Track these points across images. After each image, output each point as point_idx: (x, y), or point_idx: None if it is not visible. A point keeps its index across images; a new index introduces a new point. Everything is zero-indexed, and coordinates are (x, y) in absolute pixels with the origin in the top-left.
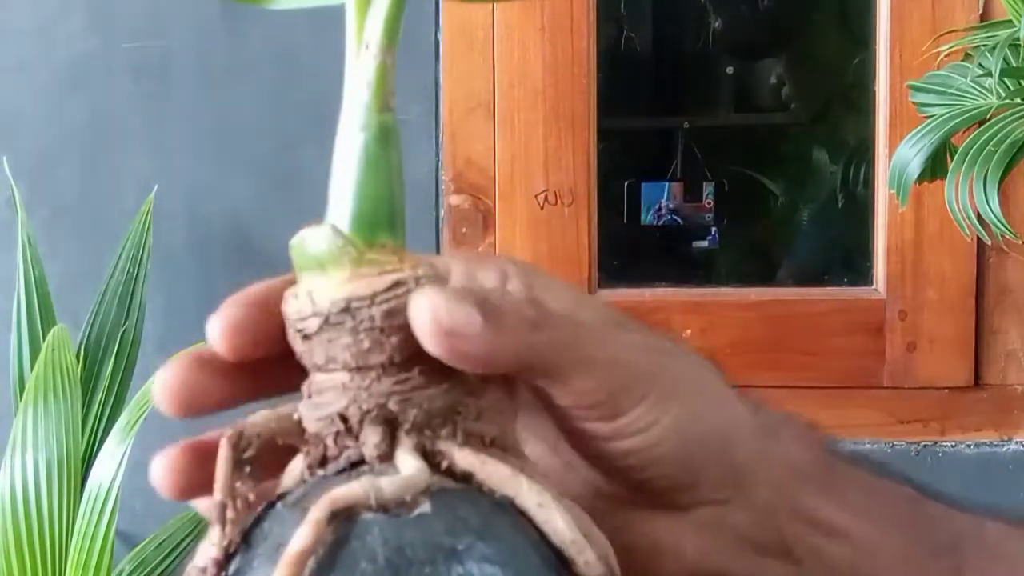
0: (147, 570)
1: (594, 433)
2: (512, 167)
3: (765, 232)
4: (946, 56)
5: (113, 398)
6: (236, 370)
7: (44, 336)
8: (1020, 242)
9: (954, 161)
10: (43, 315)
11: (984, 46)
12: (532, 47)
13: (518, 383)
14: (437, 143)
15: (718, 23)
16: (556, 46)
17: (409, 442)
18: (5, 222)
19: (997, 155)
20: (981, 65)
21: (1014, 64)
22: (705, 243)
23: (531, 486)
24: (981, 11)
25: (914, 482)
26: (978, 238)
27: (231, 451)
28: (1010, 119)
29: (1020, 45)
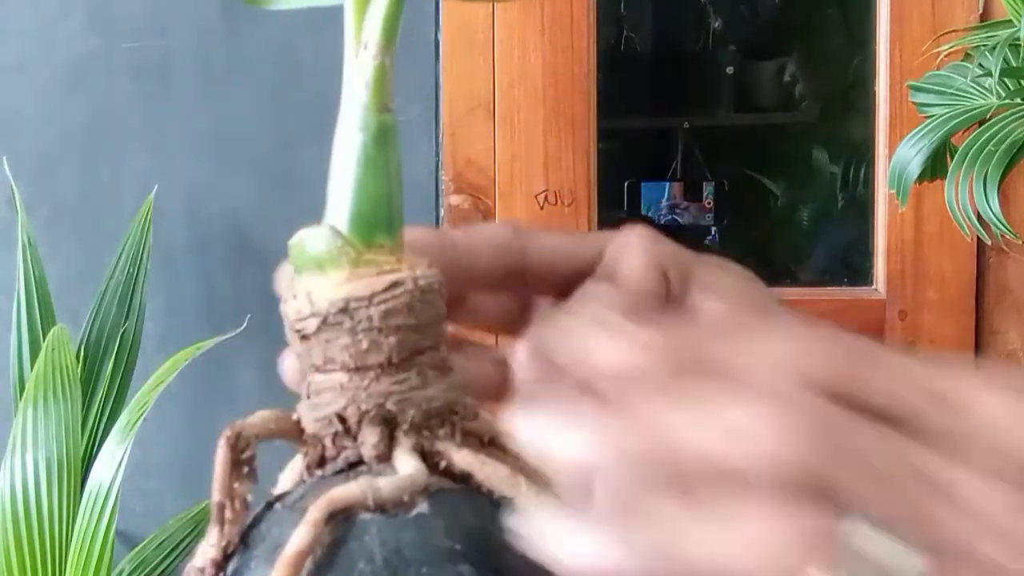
0: (147, 570)
1: None
2: (512, 167)
3: (765, 232)
4: (946, 56)
5: (113, 398)
6: None
7: (44, 336)
8: (1020, 242)
9: (954, 161)
10: (43, 315)
11: (984, 46)
12: (532, 47)
13: None
14: (437, 143)
15: (718, 23)
16: (556, 46)
17: (407, 442)
18: (5, 222)
19: (997, 155)
20: (981, 65)
21: (1014, 64)
22: (705, 243)
23: (530, 486)
24: (981, 11)
25: None
26: (978, 238)
27: (229, 451)
28: (1010, 119)
29: (1020, 45)
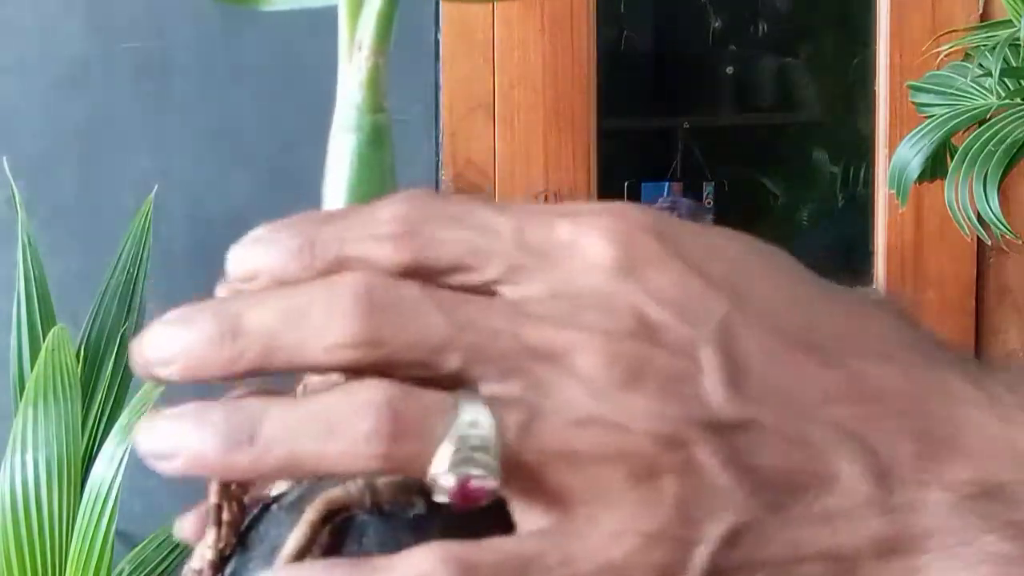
0: (147, 570)
1: None
2: (512, 167)
3: (765, 232)
4: (946, 56)
5: (113, 398)
6: None
7: (44, 336)
8: (1020, 242)
9: (954, 161)
10: (43, 315)
11: (984, 46)
12: (532, 47)
13: None
14: (437, 143)
15: (718, 23)
16: (556, 46)
17: None
18: (5, 222)
19: (997, 155)
20: (981, 65)
21: (1014, 64)
22: None
23: None
24: (981, 11)
25: None
26: (978, 238)
27: None
28: (1010, 119)
29: (1020, 45)
